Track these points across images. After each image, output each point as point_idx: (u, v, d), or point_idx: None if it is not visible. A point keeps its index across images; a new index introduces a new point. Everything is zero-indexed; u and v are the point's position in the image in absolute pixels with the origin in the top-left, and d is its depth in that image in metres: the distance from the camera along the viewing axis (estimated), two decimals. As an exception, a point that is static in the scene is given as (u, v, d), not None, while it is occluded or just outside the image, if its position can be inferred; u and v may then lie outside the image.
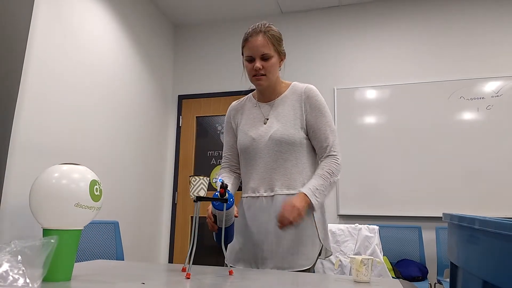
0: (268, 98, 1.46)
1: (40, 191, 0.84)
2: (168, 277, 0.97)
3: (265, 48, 1.35)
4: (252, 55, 1.36)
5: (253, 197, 1.39)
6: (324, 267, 2.59)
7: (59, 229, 0.84)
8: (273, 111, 1.43)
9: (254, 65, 1.36)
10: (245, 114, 1.49)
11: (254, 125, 1.44)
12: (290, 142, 1.37)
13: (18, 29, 2.10)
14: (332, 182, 1.35)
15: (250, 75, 1.40)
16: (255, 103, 1.49)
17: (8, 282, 0.60)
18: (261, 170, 1.38)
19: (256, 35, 1.36)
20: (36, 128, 2.31)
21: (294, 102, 1.43)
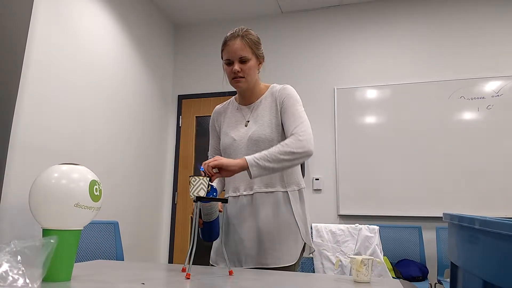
0: (248, 101, 1.51)
1: (40, 191, 0.84)
2: (168, 277, 0.97)
3: (243, 51, 1.40)
4: (230, 58, 1.40)
5: (234, 196, 1.43)
6: (324, 267, 2.59)
7: (59, 229, 0.84)
8: (252, 113, 1.48)
9: (233, 68, 1.40)
10: (227, 117, 1.54)
11: (236, 127, 1.48)
12: (267, 142, 1.39)
13: (17, 29, 2.10)
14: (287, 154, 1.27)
15: (229, 78, 1.44)
16: (237, 106, 1.53)
17: (7, 282, 0.60)
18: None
19: (234, 39, 1.40)
20: (36, 128, 2.31)
21: (271, 103, 1.48)
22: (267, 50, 4.45)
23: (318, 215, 3.45)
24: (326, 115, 3.61)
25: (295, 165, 1.33)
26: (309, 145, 1.32)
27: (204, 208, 1.24)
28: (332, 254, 2.46)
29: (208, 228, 1.29)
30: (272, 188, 1.38)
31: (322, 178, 3.50)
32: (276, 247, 1.33)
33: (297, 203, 1.41)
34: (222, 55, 1.44)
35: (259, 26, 4.00)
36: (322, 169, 3.52)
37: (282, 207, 1.38)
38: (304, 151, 1.30)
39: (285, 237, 1.35)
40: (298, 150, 1.29)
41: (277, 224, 1.35)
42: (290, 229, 1.37)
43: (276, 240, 1.34)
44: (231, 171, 1.23)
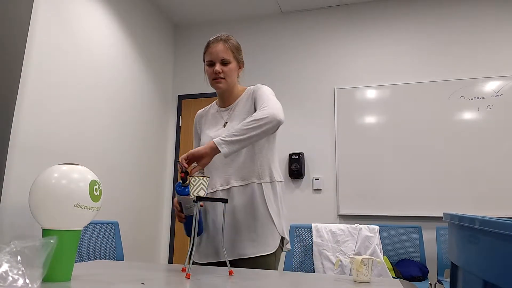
0: (226, 103, 1.56)
1: (40, 191, 0.84)
2: (168, 277, 0.97)
3: (225, 54, 1.48)
4: (212, 59, 1.47)
5: (211, 192, 1.46)
6: (324, 267, 2.59)
7: (59, 229, 0.84)
8: (230, 114, 1.54)
9: (214, 68, 1.47)
10: (207, 119, 1.60)
11: (215, 127, 1.54)
12: None
13: (17, 29, 2.10)
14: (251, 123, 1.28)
15: (210, 79, 1.50)
16: (217, 109, 1.59)
17: (7, 283, 0.60)
18: (218, 166, 1.46)
19: (217, 42, 1.49)
20: (36, 128, 2.31)
21: (246, 102, 1.53)
22: (267, 50, 4.46)
23: (318, 215, 3.45)
24: (326, 115, 3.61)
25: (265, 134, 1.30)
26: (273, 112, 1.32)
27: (185, 201, 1.25)
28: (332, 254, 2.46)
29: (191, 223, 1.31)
30: (248, 181, 1.43)
31: (322, 178, 3.50)
32: (252, 237, 1.38)
33: (271, 196, 1.45)
34: (204, 57, 1.52)
35: (259, 26, 4.00)
36: (322, 169, 3.52)
37: (258, 198, 1.42)
38: (267, 117, 1.30)
39: (261, 228, 1.40)
40: (262, 116, 1.29)
41: (253, 215, 1.40)
42: (266, 220, 1.41)
43: (252, 230, 1.39)
44: (203, 156, 1.25)
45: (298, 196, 3.56)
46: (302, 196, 3.55)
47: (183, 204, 1.27)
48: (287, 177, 3.61)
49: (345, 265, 2.48)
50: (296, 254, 2.32)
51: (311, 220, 3.42)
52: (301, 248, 2.34)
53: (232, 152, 1.27)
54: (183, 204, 1.27)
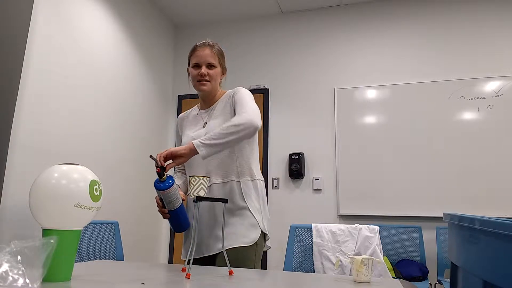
0: (207, 105, 1.62)
1: (40, 191, 0.84)
2: (168, 277, 0.97)
3: (211, 58, 1.54)
4: (199, 62, 1.53)
5: None
6: (324, 267, 2.59)
7: (59, 229, 0.84)
8: (211, 116, 1.58)
9: (200, 71, 1.52)
10: (188, 121, 1.65)
11: (195, 128, 1.59)
12: None
13: (17, 29, 2.10)
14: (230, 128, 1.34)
15: (194, 81, 1.55)
16: (198, 111, 1.65)
17: (8, 283, 0.60)
18: (199, 163, 1.51)
19: (204, 47, 1.55)
20: (36, 128, 2.31)
21: (226, 104, 1.57)
22: (267, 50, 4.46)
23: (318, 215, 3.45)
24: (326, 115, 3.61)
25: (242, 138, 1.36)
26: (251, 118, 1.37)
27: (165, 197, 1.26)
28: (332, 254, 2.46)
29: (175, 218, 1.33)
30: (227, 179, 1.49)
31: (322, 178, 3.51)
32: (231, 231, 1.42)
33: (251, 193, 1.49)
34: (189, 60, 1.58)
35: (259, 26, 4.00)
36: (322, 169, 3.52)
37: (237, 195, 1.47)
38: (245, 123, 1.35)
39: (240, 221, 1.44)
40: (240, 122, 1.35)
41: (231, 209, 1.46)
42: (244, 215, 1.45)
43: (230, 224, 1.44)
44: (181, 156, 1.30)
45: (298, 196, 3.56)
46: (302, 196, 3.55)
47: (164, 199, 1.27)
48: (287, 177, 3.62)
49: (345, 265, 2.48)
50: (296, 254, 2.32)
51: (311, 220, 3.42)
52: (301, 248, 2.34)
53: (210, 154, 1.33)
54: (164, 200, 1.27)
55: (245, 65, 3.95)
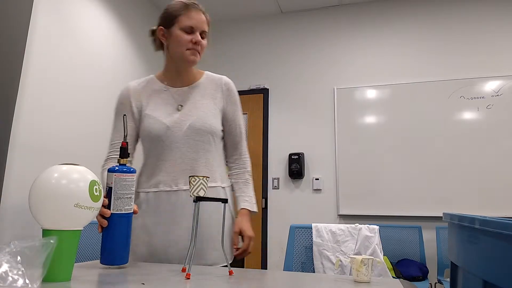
0: (181, 83, 1.34)
1: (40, 191, 0.84)
2: (168, 277, 0.97)
3: (206, 26, 1.31)
4: (194, 26, 1.27)
5: (168, 191, 1.25)
6: (324, 267, 2.59)
7: (59, 229, 0.84)
8: (188, 98, 1.32)
9: (194, 37, 1.27)
10: (152, 98, 1.32)
11: (166, 111, 1.30)
12: (211, 133, 1.30)
13: (17, 29, 2.10)
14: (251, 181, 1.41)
15: (183, 47, 1.27)
16: (163, 87, 1.34)
17: (7, 283, 0.60)
18: (178, 161, 1.26)
19: (199, 11, 1.31)
20: (36, 128, 2.31)
21: (214, 92, 1.35)
22: (267, 50, 4.44)
23: (318, 215, 3.45)
24: (326, 115, 3.61)
25: None
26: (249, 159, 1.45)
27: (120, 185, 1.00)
28: (332, 254, 2.46)
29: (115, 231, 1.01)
30: (215, 183, 1.30)
31: (322, 178, 3.51)
32: (217, 247, 1.25)
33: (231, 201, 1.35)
34: (175, 20, 1.27)
35: (259, 26, 4.00)
36: (322, 169, 3.52)
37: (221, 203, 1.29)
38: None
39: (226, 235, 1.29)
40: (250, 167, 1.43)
41: (218, 221, 1.27)
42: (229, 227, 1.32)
43: (216, 238, 1.26)
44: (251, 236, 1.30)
45: (298, 196, 3.56)
46: (302, 196, 3.55)
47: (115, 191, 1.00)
48: (287, 177, 3.62)
49: (345, 265, 2.48)
50: (296, 254, 2.32)
51: (311, 220, 3.42)
52: (301, 248, 2.34)
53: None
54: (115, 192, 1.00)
55: (245, 65, 3.95)
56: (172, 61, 1.33)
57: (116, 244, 0.99)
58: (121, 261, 1.00)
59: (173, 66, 1.34)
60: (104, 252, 0.99)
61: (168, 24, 1.29)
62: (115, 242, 0.99)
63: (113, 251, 0.99)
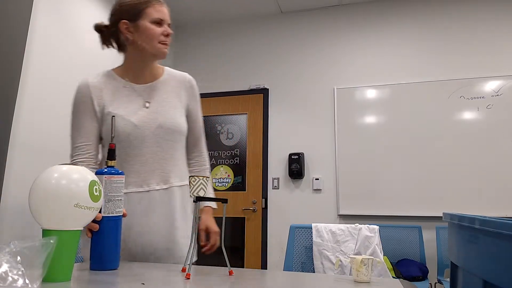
0: (144, 79, 1.30)
1: (40, 191, 0.84)
2: (168, 277, 0.97)
3: (169, 19, 1.27)
4: (164, 18, 1.24)
5: (140, 192, 1.22)
6: (324, 267, 2.59)
7: (59, 229, 0.84)
8: (153, 95, 1.28)
9: (165, 30, 1.24)
10: (115, 95, 1.25)
11: (132, 109, 1.24)
12: (180, 132, 1.29)
13: (17, 29, 2.10)
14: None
15: (155, 40, 1.23)
16: (124, 83, 1.28)
17: (7, 283, 0.60)
18: (149, 161, 1.23)
19: (161, 3, 1.26)
20: (36, 128, 2.31)
21: (178, 90, 1.33)
22: (266, 50, 4.43)
23: (318, 215, 3.46)
24: (326, 115, 3.61)
25: None
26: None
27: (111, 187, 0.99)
28: (332, 254, 2.46)
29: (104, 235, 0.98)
30: (185, 182, 1.30)
31: (322, 178, 3.51)
32: (183, 243, 1.26)
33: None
34: (142, 12, 1.21)
35: (258, 26, 4.00)
36: (322, 169, 3.52)
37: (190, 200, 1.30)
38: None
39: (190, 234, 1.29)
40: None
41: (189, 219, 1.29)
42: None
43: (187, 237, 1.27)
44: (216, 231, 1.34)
45: (298, 196, 3.56)
46: (302, 196, 3.55)
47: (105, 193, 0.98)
48: (287, 177, 3.62)
49: (345, 265, 2.47)
50: (296, 254, 2.32)
51: (311, 220, 3.42)
52: (301, 248, 2.34)
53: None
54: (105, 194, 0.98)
55: (244, 65, 3.95)
56: (138, 56, 1.28)
57: (108, 247, 0.98)
58: (112, 265, 0.99)
59: (138, 61, 1.29)
60: (95, 257, 0.97)
61: (133, 17, 1.23)
62: (107, 245, 0.98)
63: (104, 255, 0.98)
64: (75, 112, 1.25)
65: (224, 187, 3.84)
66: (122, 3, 1.26)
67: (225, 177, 3.86)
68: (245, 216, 3.71)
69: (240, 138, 3.87)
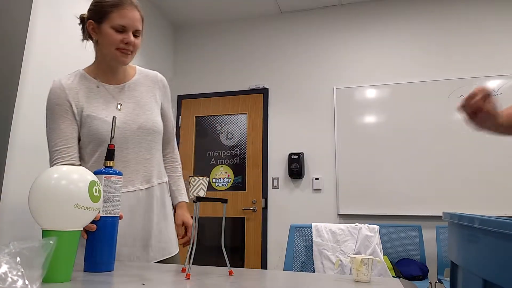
0: (116, 81, 1.30)
1: (39, 192, 0.84)
2: (168, 277, 0.97)
3: (139, 24, 1.24)
4: (127, 25, 1.20)
5: (126, 192, 1.24)
6: (324, 266, 2.59)
7: (58, 230, 0.84)
8: (128, 96, 1.29)
9: (126, 37, 1.21)
10: (89, 97, 1.25)
11: (109, 111, 1.24)
12: (159, 132, 1.34)
13: (17, 29, 2.10)
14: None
15: (112, 47, 1.22)
16: (97, 84, 1.28)
17: (7, 284, 0.60)
18: (132, 162, 1.25)
19: (133, 8, 1.22)
20: (36, 128, 2.31)
21: (152, 89, 1.35)
22: (266, 50, 4.43)
23: (317, 215, 3.46)
24: (326, 114, 3.61)
25: None
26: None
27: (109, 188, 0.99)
28: (332, 254, 2.46)
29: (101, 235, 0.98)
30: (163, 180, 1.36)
31: (321, 177, 3.51)
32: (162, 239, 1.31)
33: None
34: (107, 16, 1.20)
35: (258, 26, 4.00)
36: (322, 168, 3.53)
37: (167, 196, 1.37)
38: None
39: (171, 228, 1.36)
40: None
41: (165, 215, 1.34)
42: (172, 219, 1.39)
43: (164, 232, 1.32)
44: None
45: (298, 196, 3.56)
46: (302, 195, 3.55)
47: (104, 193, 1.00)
48: (287, 177, 3.62)
49: (345, 265, 2.48)
50: (296, 254, 2.32)
51: (311, 219, 3.42)
52: (301, 248, 2.34)
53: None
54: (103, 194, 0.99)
55: (244, 65, 3.95)
56: (103, 58, 1.29)
57: (105, 249, 0.97)
58: (108, 267, 0.98)
59: (105, 63, 1.30)
60: (90, 258, 0.96)
61: (98, 19, 1.23)
62: (104, 247, 0.97)
63: (101, 256, 0.97)
64: (51, 115, 1.22)
65: (224, 187, 3.84)
66: (95, 2, 1.26)
67: (225, 177, 3.86)
68: (245, 216, 3.71)
69: (240, 138, 3.87)
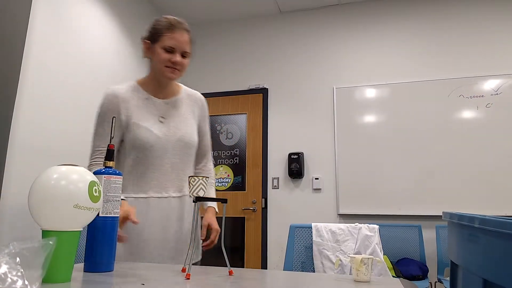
0: (165, 95, 1.45)
1: (39, 192, 0.84)
2: (168, 277, 0.97)
3: (188, 46, 1.40)
4: (175, 47, 1.36)
5: (159, 197, 1.36)
6: (324, 266, 2.59)
7: (58, 230, 0.84)
8: (171, 110, 1.43)
9: (174, 57, 1.36)
10: (138, 107, 1.38)
11: (152, 121, 1.38)
12: (195, 146, 1.46)
13: (16, 29, 2.10)
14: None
15: (162, 65, 1.36)
16: (147, 96, 1.41)
17: (6, 284, 0.60)
18: (168, 170, 1.37)
19: (182, 31, 1.38)
20: (35, 129, 2.31)
21: (193, 108, 1.50)
22: (266, 49, 4.43)
23: (317, 215, 3.46)
24: (326, 114, 3.61)
25: None
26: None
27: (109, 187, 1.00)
28: (332, 254, 2.46)
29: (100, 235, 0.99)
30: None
31: (321, 177, 3.51)
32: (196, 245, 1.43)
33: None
34: (160, 37, 1.35)
35: (257, 26, 4.00)
36: (322, 168, 3.53)
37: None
38: None
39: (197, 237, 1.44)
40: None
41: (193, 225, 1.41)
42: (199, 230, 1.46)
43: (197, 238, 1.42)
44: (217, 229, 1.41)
45: (297, 196, 3.56)
46: (301, 195, 3.55)
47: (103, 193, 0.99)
48: (287, 177, 3.62)
49: (345, 265, 2.48)
50: (296, 254, 2.32)
51: (311, 219, 3.42)
52: (301, 247, 2.34)
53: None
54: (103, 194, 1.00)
55: (244, 65, 3.95)
56: (155, 74, 1.42)
57: (105, 249, 0.98)
58: (108, 268, 0.98)
59: (155, 78, 1.43)
60: (90, 258, 0.97)
61: (152, 40, 1.39)
62: (103, 247, 0.98)
63: (100, 256, 0.97)
64: (101, 120, 1.38)
65: (224, 187, 3.84)
66: (153, 25, 1.41)
67: (224, 177, 3.86)
68: (245, 216, 3.71)
69: (240, 138, 3.87)
